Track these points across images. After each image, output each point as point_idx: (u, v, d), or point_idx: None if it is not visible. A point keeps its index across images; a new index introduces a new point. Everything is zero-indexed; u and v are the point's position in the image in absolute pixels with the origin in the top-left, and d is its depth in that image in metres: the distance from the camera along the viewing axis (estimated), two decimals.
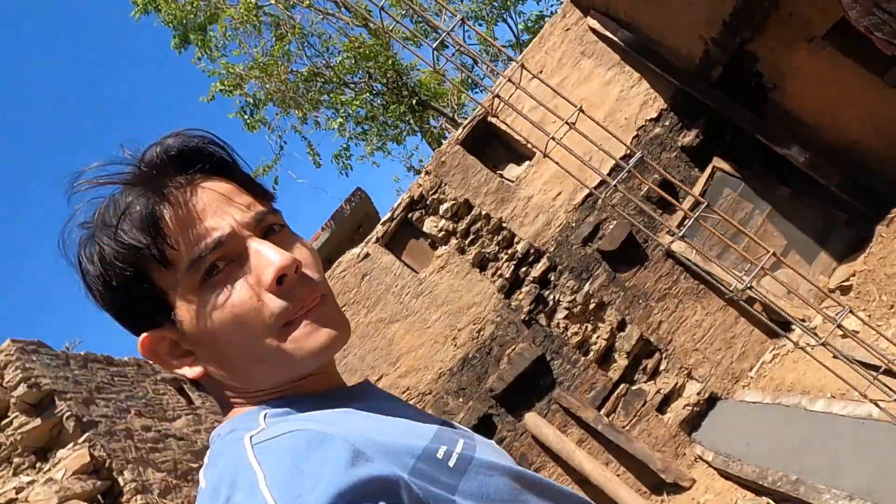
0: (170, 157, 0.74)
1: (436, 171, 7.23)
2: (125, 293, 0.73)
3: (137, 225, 0.69)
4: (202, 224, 0.70)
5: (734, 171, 6.74)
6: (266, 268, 0.70)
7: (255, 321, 0.70)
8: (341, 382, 0.86)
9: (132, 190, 0.72)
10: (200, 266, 0.70)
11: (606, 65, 7.19)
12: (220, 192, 0.74)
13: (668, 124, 7.04)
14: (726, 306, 6.74)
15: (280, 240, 0.76)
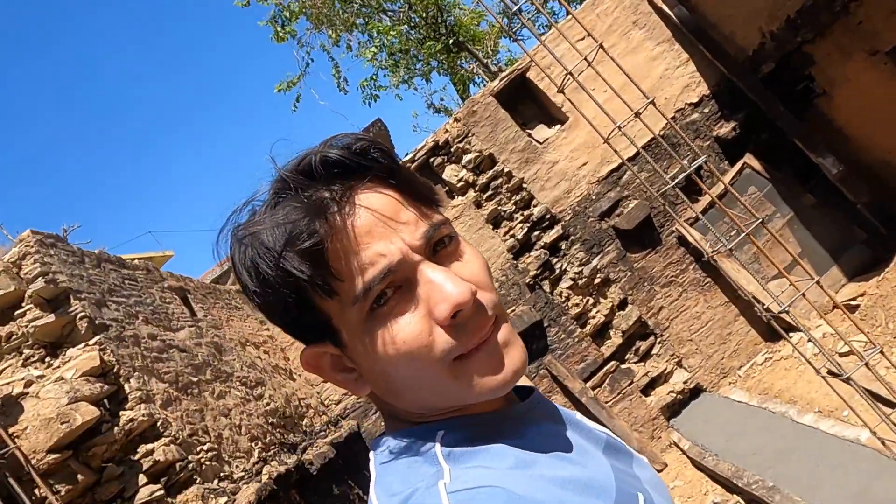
0: (330, 169, 0.68)
1: (465, 119, 7.10)
2: (286, 313, 0.70)
3: (300, 254, 0.64)
4: (369, 250, 0.65)
5: (764, 170, 6.67)
6: (440, 303, 0.65)
7: (426, 357, 0.66)
8: (510, 396, 0.82)
9: (291, 208, 0.66)
10: (368, 297, 0.65)
11: (656, 39, 6.99)
12: (385, 210, 0.67)
13: (706, 111, 6.91)
14: (728, 303, 6.79)
15: (450, 255, 0.70)
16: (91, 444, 3.12)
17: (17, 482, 2.81)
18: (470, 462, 0.68)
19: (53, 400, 3.03)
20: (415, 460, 0.69)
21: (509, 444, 0.71)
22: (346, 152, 0.69)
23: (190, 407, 4.00)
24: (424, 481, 0.65)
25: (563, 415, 0.85)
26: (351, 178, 0.69)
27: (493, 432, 0.72)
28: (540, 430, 0.76)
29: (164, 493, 3.17)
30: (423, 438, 0.71)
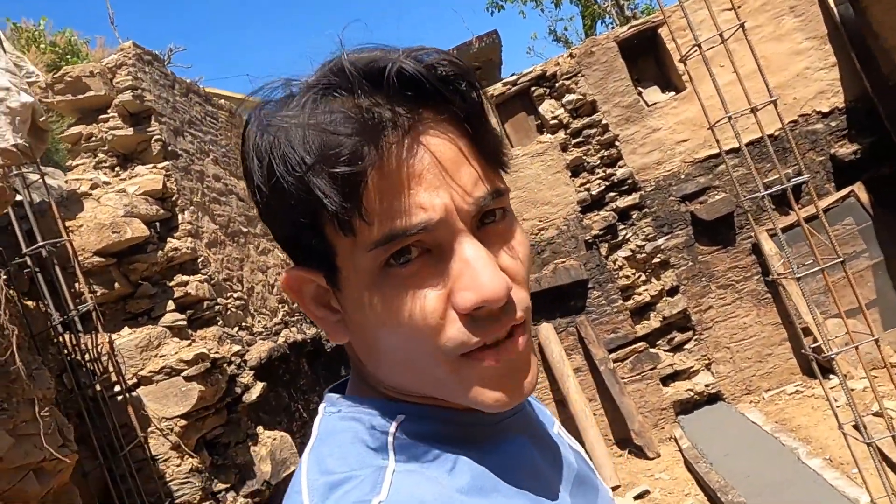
0: (404, 85, 0.54)
1: (580, 57, 6.78)
2: (288, 228, 0.59)
3: (332, 177, 0.53)
4: (411, 196, 0.54)
5: (870, 204, 6.22)
6: (467, 290, 0.54)
7: (429, 341, 0.56)
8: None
9: (341, 114, 0.53)
10: (391, 248, 0.54)
11: (809, 33, 6.42)
12: (446, 157, 0.56)
13: (832, 125, 6.41)
14: (780, 325, 6.54)
15: (498, 234, 0.59)
16: (134, 259, 3.29)
17: (61, 271, 3.01)
18: (420, 464, 0.59)
19: (111, 209, 3.19)
20: (362, 439, 0.60)
21: (473, 458, 0.61)
22: (430, 72, 0.55)
23: (232, 254, 4.16)
24: (361, 474, 0.57)
25: (542, 428, 0.75)
26: (423, 106, 0.55)
27: (461, 437, 0.63)
28: (512, 449, 0.67)
29: (186, 324, 3.36)
30: (381, 415, 0.62)
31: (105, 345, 3.03)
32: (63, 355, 2.99)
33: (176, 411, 3.07)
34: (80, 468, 2.70)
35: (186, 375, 3.06)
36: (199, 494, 3.07)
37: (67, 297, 2.99)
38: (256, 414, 3.72)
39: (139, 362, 3.11)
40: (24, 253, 2.90)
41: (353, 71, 0.54)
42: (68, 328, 3.06)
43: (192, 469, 3.08)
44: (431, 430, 0.62)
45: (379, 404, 0.63)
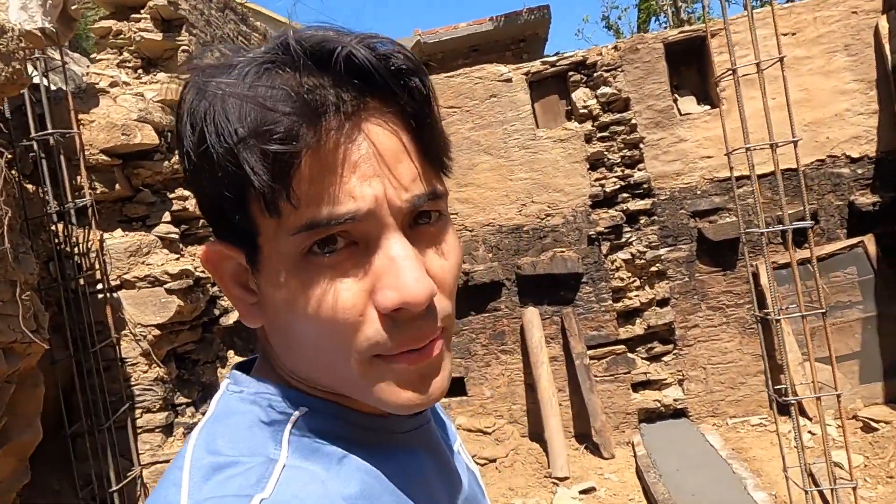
0: (352, 71, 0.52)
1: (624, 52, 6.68)
2: (212, 198, 0.56)
3: (263, 154, 0.50)
4: (343, 183, 0.51)
5: (876, 259, 6.20)
6: (389, 289, 0.53)
7: (345, 336, 0.54)
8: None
9: (281, 90, 0.51)
10: (315, 235, 0.52)
11: (858, 75, 6.30)
12: (386, 149, 0.53)
13: (859, 172, 6.34)
14: (759, 357, 6.57)
15: (430, 236, 0.58)
16: (139, 164, 3.31)
17: (66, 162, 3.03)
18: (311, 463, 0.57)
19: (126, 110, 3.19)
20: (259, 424, 0.58)
21: (368, 464, 0.60)
22: (380, 62, 0.53)
23: None
24: (249, 461, 0.54)
25: (441, 444, 0.73)
26: (369, 95, 0.53)
27: (359, 440, 0.61)
28: (408, 461, 0.66)
29: (178, 238, 3.40)
30: (282, 404, 0.60)
31: (95, 242, 3.07)
32: (53, 244, 3.04)
33: (152, 320, 3.13)
34: (49, 356, 2.77)
35: (169, 288, 3.10)
36: (160, 403, 3.15)
37: (67, 189, 3.02)
38: (230, 338, 3.79)
39: (125, 265, 3.15)
40: (33, 137, 2.92)
41: (298, 49, 0.52)
42: (62, 219, 3.10)
43: (157, 378, 3.15)
44: (331, 428, 0.60)
45: (283, 392, 0.60)
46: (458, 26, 10.55)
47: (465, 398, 7.07)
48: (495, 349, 6.94)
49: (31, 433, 2.59)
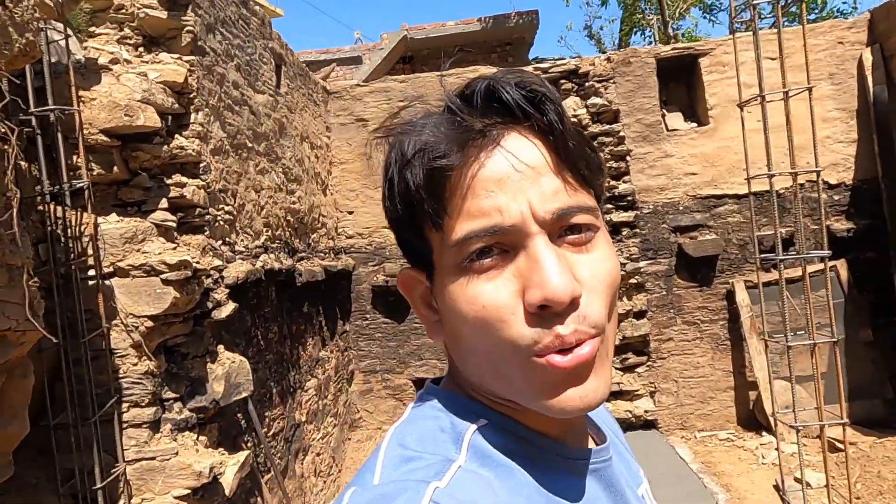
0: (489, 101, 0.62)
1: (617, 64, 6.73)
2: (398, 224, 0.68)
3: (423, 171, 0.62)
4: (491, 199, 0.60)
5: (847, 284, 6.38)
6: (534, 287, 0.58)
7: (498, 335, 0.60)
8: (582, 426, 0.74)
9: (437, 127, 0.63)
10: (464, 248, 0.60)
11: (840, 104, 6.48)
12: (530, 166, 0.61)
13: (836, 199, 6.52)
14: (730, 373, 6.71)
15: (579, 246, 0.62)
16: (139, 147, 3.16)
17: (63, 140, 2.88)
18: (486, 469, 0.62)
19: (129, 90, 3.05)
20: (443, 428, 0.65)
21: (538, 483, 0.64)
22: (514, 92, 0.62)
23: (233, 166, 4.05)
24: (432, 458, 0.61)
25: (621, 484, 0.74)
26: (510, 118, 0.62)
27: (533, 458, 0.65)
28: (581, 488, 0.68)
29: (174, 226, 3.26)
30: (465, 415, 0.66)
31: (90, 226, 2.92)
32: (45, 226, 2.88)
33: (145, 311, 2.99)
34: (37, 344, 2.62)
35: (165, 278, 2.97)
36: (149, 398, 3.02)
37: (63, 169, 2.86)
38: (220, 332, 3.67)
39: (120, 252, 3.01)
40: (31, 112, 2.76)
41: (449, 95, 0.65)
42: (55, 199, 2.94)
43: (147, 371, 3.02)
44: (507, 443, 0.65)
45: (466, 404, 0.68)
46: (446, 24, 10.50)
47: None
48: None
49: (17, 425, 2.44)
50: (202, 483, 3.03)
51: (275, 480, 4.31)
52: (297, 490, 4.88)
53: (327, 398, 5.97)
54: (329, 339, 6.24)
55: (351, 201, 7.10)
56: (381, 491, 0.58)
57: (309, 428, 5.36)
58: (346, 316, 6.99)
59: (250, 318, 4.26)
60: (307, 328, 5.57)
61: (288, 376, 4.95)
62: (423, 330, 4.66)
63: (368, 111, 7.03)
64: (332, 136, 6.98)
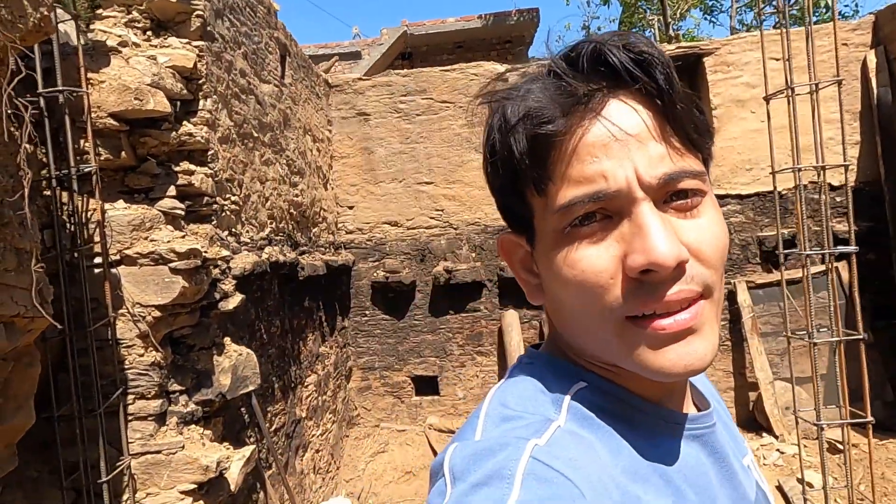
0: (596, 65, 0.61)
1: None
2: (500, 190, 0.68)
3: (528, 136, 0.61)
4: (595, 164, 0.59)
5: (847, 283, 6.39)
6: (637, 252, 0.57)
7: (598, 300, 0.60)
8: (681, 391, 0.72)
9: (543, 91, 0.62)
10: (568, 214, 0.60)
11: (844, 105, 6.47)
12: (635, 131, 0.59)
13: (838, 200, 6.52)
14: (731, 374, 6.70)
15: (685, 211, 0.61)
16: (147, 132, 3.08)
17: (70, 124, 2.79)
18: (585, 430, 0.62)
19: (139, 73, 2.97)
20: (543, 390, 0.66)
21: (638, 445, 0.64)
22: (623, 55, 0.60)
23: (239, 156, 3.97)
24: (532, 417, 0.63)
25: (726, 451, 0.73)
26: (615, 82, 0.61)
27: (633, 421, 0.66)
28: (680, 452, 0.67)
29: (182, 214, 3.19)
30: (564, 377, 0.68)
31: (97, 212, 2.84)
32: (50, 211, 2.79)
33: (153, 300, 2.91)
34: (41, 333, 2.54)
35: (174, 268, 2.90)
36: (155, 390, 2.94)
37: (70, 152, 2.78)
38: (226, 324, 3.59)
39: (127, 240, 2.93)
40: (40, 93, 2.67)
41: (554, 59, 0.63)
42: (61, 184, 2.86)
43: (153, 363, 2.94)
44: (606, 404, 0.66)
45: (565, 367, 0.69)
46: (447, 21, 10.44)
47: (437, 397, 6.98)
48: (471, 350, 6.87)
49: (22, 416, 2.36)
50: (209, 478, 2.96)
51: (277, 476, 4.24)
52: (297, 487, 4.81)
53: (326, 394, 5.89)
54: (329, 334, 6.17)
55: (351, 196, 7.02)
56: (482, 446, 0.59)
57: (309, 424, 5.28)
58: (346, 312, 6.91)
59: (254, 311, 4.18)
60: (308, 323, 5.49)
61: (289, 371, 4.88)
62: (423, 327, 4.61)
63: (370, 105, 6.96)
64: (333, 129, 6.90)
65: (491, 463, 0.56)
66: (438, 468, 0.61)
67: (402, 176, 6.92)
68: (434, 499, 0.58)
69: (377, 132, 6.95)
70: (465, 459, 0.58)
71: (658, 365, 0.59)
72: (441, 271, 6.68)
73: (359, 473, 6.16)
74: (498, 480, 0.54)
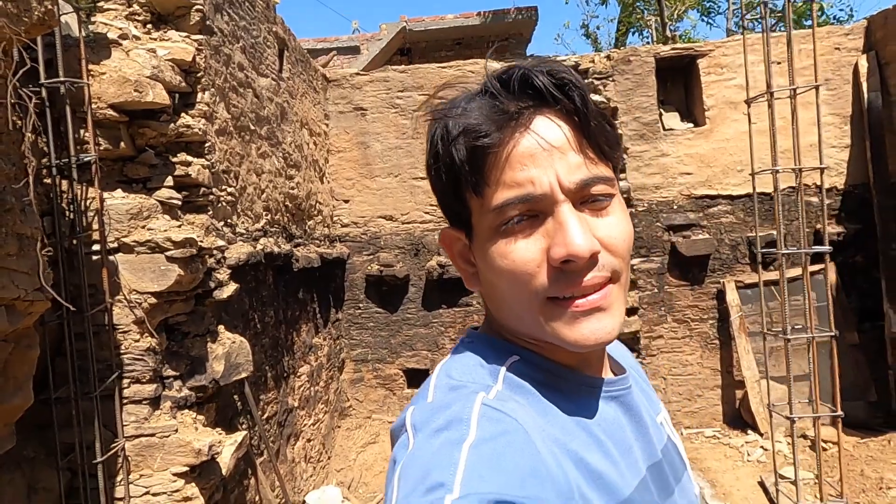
0: (525, 87, 0.72)
1: (616, 63, 6.77)
2: (442, 193, 0.79)
3: (467, 148, 0.72)
4: (523, 172, 0.70)
5: (836, 285, 6.48)
6: (558, 245, 0.69)
7: (526, 285, 0.71)
8: (598, 360, 0.84)
9: (480, 110, 0.73)
10: (501, 214, 0.71)
11: (835, 109, 6.57)
12: (557, 144, 0.70)
13: (827, 203, 6.60)
14: (718, 372, 6.80)
15: (598, 212, 0.73)
16: (146, 124, 3.15)
17: (71, 114, 2.86)
18: (519, 397, 0.73)
19: (139, 65, 3.04)
20: (482, 363, 0.77)
21: (565, 409, 0.75)
22: (546, 80, 0.71)
23: (236, 148, 4.04)
24: (474, 385, 0.72)
25: (639, 409, 0.85)
26: (540, 101, 0.72)
27: (560, 389, 0.77)
28: (602, 412, 0.79)
29: (179, 204, 3.26)
30: (499, 352, 0.78)
31: (96, 200, 2.91)
32: (50, 199, 2.86)
33: (150, 287, 2.99)
34: (40, 317, 2.62)
35: (170, 256, 2.97)
36: (149, 375, 3.02)
37: (71, 142, 2.85)
38: (220, 313, 3.67)
39: (125, 228, 3.00)
40: (42, 83, 2.74)
41: (489, 80, 0.74)
42: (61, 173, 2.93)
43: (148, 348, 3.02)
44: (536, 374, 0.77)
45: (500, 344, 0.80)
46: (445, 17, 10.49)
47: None
48: None
49: (21, 397, 2.43)
50: (201, 461, 3.04)
51: (268, 463, 4.32)
52: (289, 475, 4.90)
53: (319, 385, 5.98)
54: (322, 326, 6.25)
55: (347, 190, 7.10)
56: (438, 403, 0.70)
57: (301, 413, 5.37)
58: (340, 304, 6.99)
59: (248, 300, 4.26)
60: (301, 314, 5.57)
61: (282, 361, 4.96)
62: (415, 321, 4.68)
63: (367, 100, 7.02)
64: (330, 123, 6.97)
65: (448, 412, 0.66)
66: (400, 427, 0.70)
67: (398, 171, 7.00)
68: (398, 451, 0.66)
69: (374, 127, 7.02)
70: (424, 414, 0.68)
71: (573, 338, 0.71)
72: (434, 266, 6.77)
73: (350, 463, 6.25)
74: (457, 424, 0.64)
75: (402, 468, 0.63)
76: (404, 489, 0.60)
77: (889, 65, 6.19)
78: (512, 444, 0.63)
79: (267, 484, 4.22)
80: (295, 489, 5.09)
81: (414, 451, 0.64)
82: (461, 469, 0.59)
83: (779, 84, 6.63)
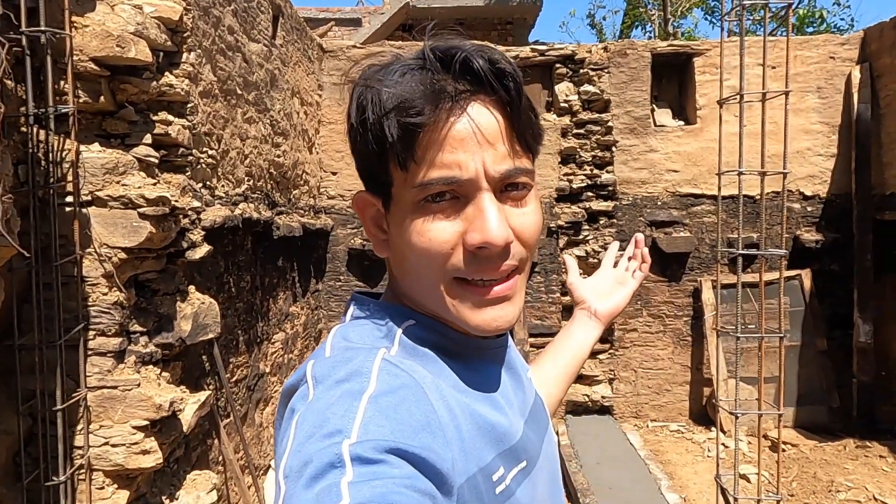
0: (465, 71, 0.73)
1: (613, 55, 6.78)
2: (364, 157, 0.79)
3: (399, 123, 0.72)
4: (452, 154, 0.71)
5: (809, 293, 6.58)
6: (476, 231, 0.72)
7: (437, 263, 0.74)
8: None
9: (417, 84, 0.73)
10: (424, 191, 0.73)
11: (824, 117, 6.62)
12: (487, 131, 0.72)
13: (808, 210, 6.68)
14: (688, 368, 6.90)
15: (515, 201, 0.76)
16: (127, 80, 3.16)
17: (51, 65, 2.87)
18: (413, 360, 0.76)
19: (123, 20, 3.04)
20: (378, 328, 0.80)
21: (457, 369, 0.80)
22: (487, 66, 0.72)
23: (220, 111, 4.05)
24: (371, 348, 0.74)
25: (516, 366, 0.94)
26: (478, 87, 0.73)
27: (452, 351, 0.81)
28: (488, 371, 0.86)
29: (156, 163, 3.28)
30: (396, 317, 0.81)
31: (72, 152, 2.93)
32: (26, 147, 2.88)
33: (120, 242, 3.02)
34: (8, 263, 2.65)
35: (142, 213, 3.00)
36: (116, 328, 3.06)
37: (50, 92, 2.86)
38: (192, 273, 3.70)
39: (100, 182, 3.02)
40: (23, 31, 2.74)
41: (431, 55, 0.74)
42: (39, 122, 2.94)
43: (116, 302, 3.06)
44: (431, 338, 0.80)
45: (398, 310, 0.82)
46: None
47: None
48: None
49: None
50: (161, 416, 3.09)
51: (233, 426, 4.39)
52: (255, 438, 4.97)
53: (293, 353, 6.04)
54: (301, 295, 6.29)
55: (336, 162, 7.11)
56: (339, 357, 0.72)
57: (272, 380, 5.43)
58: (321, 275, 7.04)
59: (224, 264, 4.30)
60: (280, 282, 5.61)
61: (256, 326, 5.01)
62: None
63: None
64: (323, 94, 6.96)
65: (349, 366, 0.69)
66: (300, 380, 0.72)
67: None
68: (297, 401, 0.69)
69: None
70: (326, 367, 0.71)
71: (475, 322, 0.76)
72: None
73: None
74: (357, 376, 0.67)
75: (301, 416, 0.65)
76: (301, 435, 0.62)
77: (881, 77, 6.23)
78: (408, 398, 0.66)
79: (231, 446, 4.28)
80: (261, 453, 5.17)
81: (314, 401, 0.66)
82: (360, 417, 0.61)
83: (771, 88, 6.67)
